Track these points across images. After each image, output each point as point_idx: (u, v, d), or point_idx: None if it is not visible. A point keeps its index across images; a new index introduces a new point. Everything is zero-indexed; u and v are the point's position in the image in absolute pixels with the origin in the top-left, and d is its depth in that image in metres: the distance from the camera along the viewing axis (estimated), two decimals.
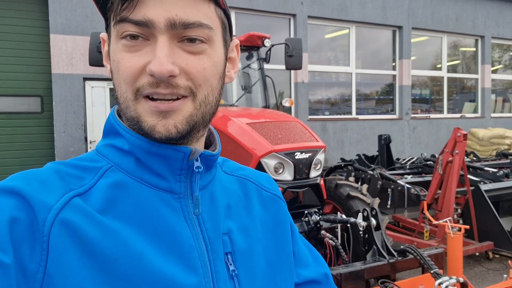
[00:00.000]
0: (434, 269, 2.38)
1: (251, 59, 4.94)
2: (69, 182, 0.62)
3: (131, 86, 0.62)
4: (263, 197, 0.82)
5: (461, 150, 4.66)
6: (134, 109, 0.62)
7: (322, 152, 3.53)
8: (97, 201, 0.61)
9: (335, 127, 9.01)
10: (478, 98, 11.53)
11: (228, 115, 3.73)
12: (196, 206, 0.67)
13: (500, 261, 4.76)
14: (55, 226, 0.56)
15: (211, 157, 0.70)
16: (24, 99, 6.58)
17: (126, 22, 0.60)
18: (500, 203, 5.18)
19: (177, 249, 0.63)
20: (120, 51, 0.62)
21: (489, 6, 11.23)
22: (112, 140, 0.68)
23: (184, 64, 0.61)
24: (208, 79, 0.64)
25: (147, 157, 0.65)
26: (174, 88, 0.61)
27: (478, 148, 9.56)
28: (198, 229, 0.67)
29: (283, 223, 0.82)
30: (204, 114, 0.65)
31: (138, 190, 0.64)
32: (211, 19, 0.63)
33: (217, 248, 0.67)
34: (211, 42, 0.64)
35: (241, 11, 8.04)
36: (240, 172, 0.83)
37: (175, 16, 0.59)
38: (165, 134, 0.61)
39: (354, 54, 9.46)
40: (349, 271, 2.53)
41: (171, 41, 0.61)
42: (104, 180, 0.64)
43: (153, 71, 0.58)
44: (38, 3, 6.59)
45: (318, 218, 3.26)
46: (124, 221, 0.61)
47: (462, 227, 3.31)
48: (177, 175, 0.66)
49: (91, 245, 0.57)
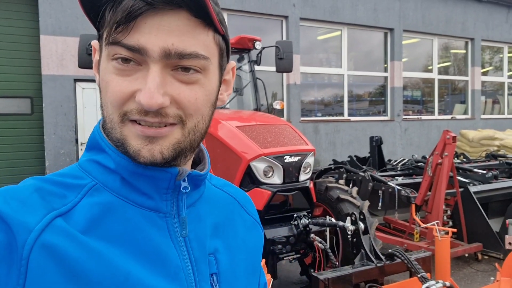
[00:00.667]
0: (421, 273, 2.40)
1: (242, 61, 4.94)
2: (50, 201, 0.59)
3: (118, 109, 0.59)
4: (246, 220, 0.81)
5: (451, 152, 4.69)
6: (120, 131, 0.60)
7: (312, 155, 3.55)
8: (80, 220, 0.59)
9: (327, 128, 9.04)
10: (468, 100, 11.63)
11: (218, 118, 3.73)
12: (183, 227, 0.66)
13: (489, 262, 4.80)
14: (36, 249, 0.54)
15: (199, 177, 0.68)
16: (13, 100, 6.52)
17: (119, 46, 0.57)
18: (489, 204, 5.23)
19: (163, 269, 0.62)
20: (110, 73, 0.60)
21: (478, 9, 11.34)
22: (97, 156, 0.66)
23: (176, 94, 0.59)
24: (200, 109, 0.62)
25: (133, 177, 0.63)
26: (163, 117, 0.59)
27: (468, 149, 9.64)
28: (185, 249, 0.65)
29: (259, 249, 0.83)
30: (192, 141, 0.64)
31: (123, 209, 0.63)
32: (208, 48, 0.61)
33: (203, 269, 0.66)
34: (206, 72, 0.62)
35: (233, 12, 8.04)
36: (227, 188, 0.82)
37: (171, 46, 0.57)
38: (150, 159, 0.59)
39: (346, 56, 9.50)
40: (337, 275, 2.54)
41: (164, 70, 0.58)
42: (88, 199, 0.62)
43: (142, 104, 0.56)
44: (28, 3, 6.53)
45: (307, 221, 3.27)
46: (108, 241, 0.60)
47: (449, 230, 3.33)
48: (164, 193, 0.65)
49: (75, 267, 0.55)
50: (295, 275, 4.36)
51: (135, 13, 0.55)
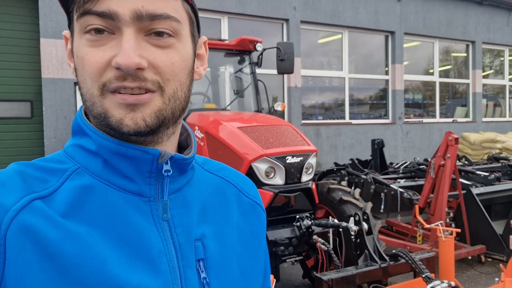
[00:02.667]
0: (426, 273, 2.36)
1: (243, 63, 4.93)
2: (31, 185, 0.59)
3: (97, 81, 0.59)
4: (243, 203, 0.79)
5: (453, 154, 4.67)
6: (101, 105, 0.60)
7: (314, 156, 3.52)
8: (60, 204, 0.59)
9: (329, 131, 9.01)
10: (470, 103, 11.61)
11: (220, 119, 3.71)
12: (164, 211, 0.65)
13: (493, 265, 4.76)
14: (12, 228, 0.54)
15: (183, 161, 0.67)
16: (13, 104, 6.51)
17: (90, 15, 0.57)
18: (492, 206, 5.20)
19: (145, 254, 0.61)
20: (84, 46, 0.59)
21: (479, 12, 11.35)
22: (80, 140, 0.66)
23: (152, 58, 0.59)
24: (177, 73, 0.62)
25: (115, 159, 0.63)
26: (142, 81, 0.59)
27: (470, 152, 9.61)
28: (168, 234, 0.64)
29: (259, 232, 0.80)
30: (173, 110, 0.63)
31: (105, 193, 0.62)
32: (178, 13, 0.62)
33: (187, 254, 0.65)
34: (179, 36, 0.62)
35: (234, 16, 8.04)
36: (222, 172, 0.80)
37: (141, 8, 0.57)
38: (133, 127, 0.59)
39: (347, 58, 9.49)
40: (340, 276, 2.50)
41: (138, 34, 0.59)
42: (69, 183, 0.61)
43: (120, 64, 0.56)
44: (28, 7, 6.54)
45: (310, 222, 3.23)
46: (89, 225, 0.59)
47: (453, 231, 3.29)
48: (147, 177, 0.64)
49: (51, 248, 0.55)
50: (297, 278, 4.31)
51: None
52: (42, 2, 6.35)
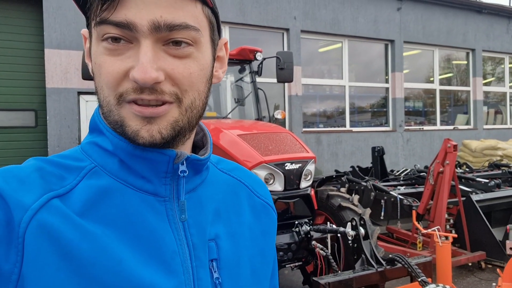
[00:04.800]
0: (422, 277, 2.40)
1: (243, 72, 5.01)
2: (49, 182, 0.60)
3: (114, 91, 0.59)
4: (255, 203, 0.79)
5: (452, 160, 4.71)
6: (118, 113, 0.60)
7: (312, 163, 3.57)
8: (77, 203, 0.59)
9: (329, 139, 9.06)
10: (471, 110, 11.65)
11: (220, 127, 3.77)
12: (182, 211, 0.65)
13: (493, 271, 4.76)
14: (31, 227, 0.55)
15: (198, 161, 0.67)
16: (18, 113, 6.61)
17: (107, 24, 0.56)
18: (492, 213, 5.21)
19: (159, 254, 0.61)
20: (101, 54, 0.59)
21: (479, 20, 11.43)
22: (97, 138, 0.66)
23: (170, 69, 0.58)
24: (195, 83, 0.61)
25: (131, 159, 0.63)
26: (159, 94, 0.58)
27: (471, 160, 9.62)
28: (183, 234, 0.64)
29: (270, 233, 0.80)
30: (190, 119, 0.63)
31: (122, 192, 0.62)
32: (198, 20, 0.60)
33: (201, 255, 0.65)
34: (198, 45, 0.61)
35: (235, 25, 8.15)
36: (235, 172, 0.81)
37: (160, 18, 0.56)
38: (149, 139, 0.59)
39: (347, 67, 9.57)
40: (337, 280, 2.54)
41: (155, 45, 0.57)
42: (86, 182, 0.62)
43: (137, 79, 0.56)
44: (33, 18, 6.66)
45: (308, 228, 3.28)
46: (104, 225, 0.59)
47: (450, 236, 3.33)
48: (163, 177, 0.64)
49: (68, 247, 0.56)
50: (297, 284, 4.34)
51: None
52: (46, 13, 6.47)
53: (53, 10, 6.52)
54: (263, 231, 0.78)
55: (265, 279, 0.77)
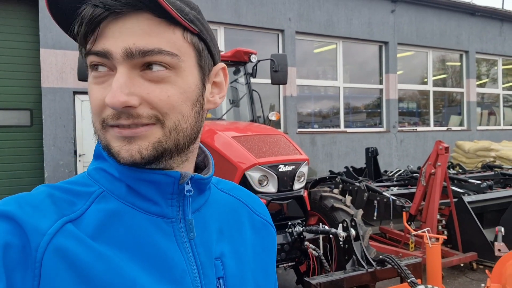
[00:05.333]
0: (411, 278, 2.45)
1: (238, 74, 5.04)
2: (62, 208, 0.61)
3: (98, 117, 0.62)
4: (255, 221, 0.82)
5: (443, 162, 4.76)
6: (104, 137, 0.63)
7: (306, 164, 3.62)
8: (89, 227, 0.61)
9: (324, 140, 9.12)
10: (464, 112, 11.75)
11: (215, 128, 3.80)
12: (190, 229, 0.67)
13: (484, 272, 4.83)
14: (48, 251, 0.56)
15: (202, 180, 0.69)
16: (13, 112, 6.61)
17: (91, 55, 0.61)
18: (483, 214, 5.27)
19: (170, 274, 0.63)
20: (90, 83, 0.63)
21: (472, 22, 11.53)
22: (103, 164, 0.68)
23: (145, 94, 0.60)
24: (176, 107, 0.62)
25: (138, 184, 0.65)
26: (135, 118, 0.60)
27: (464, 161, 9.71)
28: (191, 253, 0.66)
29: (271, 250, 0.83)
30: (177, 142, 0.64)
31: (130, 215, 0.64)
32: (176, 46, 0.61)
33: (209, 273, 0.67)
34: (177, 70, 0.62)
35: (230, 26, 8.18)
36: (234, 192, 0.83)
37: (132, 45, 0.58)
38: (129, 159, 0.60)
39: (341, 68, 9.63)
40: (328, 280, 2.59)
41: (132, 71, 0.60)
42: (95, 206, 0.63)
43: (107, 103, 0.58)
44: (29, 18, 6.67)
45: (301, 229, 3.32)
46: (116, 247, 0.61)
47: (440, 238, 3.38)
48: (169, 199, 0.66)
49: (85, 270, 0.57)
50: (291, 284, 4.39)
51: (96, 19, 0.58)
52: (42, 13, 6.48)
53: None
54: (264, 248, 0.81)
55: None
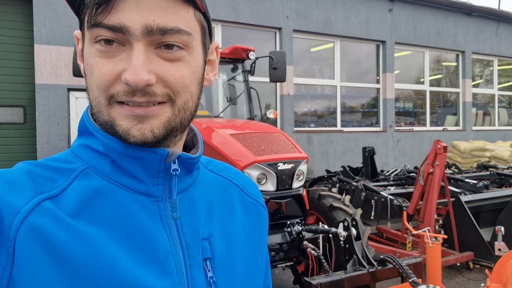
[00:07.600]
0: (412, 278, 2.42)
1: (236, 71, 5.00)
2: (40, 184, 0.59)
3: (105, 92, 0.59)
4: (246, 202, 0.80)
5: (442, 161, 4.75)
6: (108, 114, 0.60)
7: (305, 163, 3.58)
8: (69, 204, 0.59)
9: (320, 139, 9.10)
10: (460, 112, 11.78)
11: (213, 126, 3.76)
12: (174, 209, 0.65)
13: (481, 271, 4.83)
14: (22, 230, 0.54)
15: (190, 160, 0.67)
16: (6, 109, 6.51)
17: (100, 27, 0.57)
18: (480, 213, 5.27)
19: (153, 255, 0.61)
20: (94, 56, 0.59)
21: (469, 23, 11.56)
22: (87, 140, 0.66)
23: (161, 72, 0.59)
24: (187, 86, 0.62)
25: (123, 160, 0.63)
26: (151, 96, 0.59)
27: (460, 160, 9.74)
28: (176, 234, 0.64)
29: (262, 231, 0.81)
30: (182, 120, 0.64)
31: (114, 193, 0.62)
32: (190, 24, 0.61)
33: (194, 254, 0.65)
34: (190, 48, 0.62)
35: (227, 24, 8.13)
36: (225, 172, 0.81)
37: (152, 22, 0.57)
38: (140, 138, 0.59)
39: (338, 67, 9.61)
40: (329, 280, 2.55)
41: (148, 48, 0.58)
42: (77, 183, 0.62)
43: (129, 81, 0.56)
44: (22, 13, 6.57)
45: (300, 228, 3.28)
46: (97, 225, 0.59)
47: (440, 237, 3.36)
48: (155, 177, 0.64)
49: (60, 250, 0.55)
50: (288, 284, 4.35)
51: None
52: (36, 8, 6.38)
53: (43, 5, 6.43)
54: (255, 229, 0.78)
55: (259, 277, 0.78)
